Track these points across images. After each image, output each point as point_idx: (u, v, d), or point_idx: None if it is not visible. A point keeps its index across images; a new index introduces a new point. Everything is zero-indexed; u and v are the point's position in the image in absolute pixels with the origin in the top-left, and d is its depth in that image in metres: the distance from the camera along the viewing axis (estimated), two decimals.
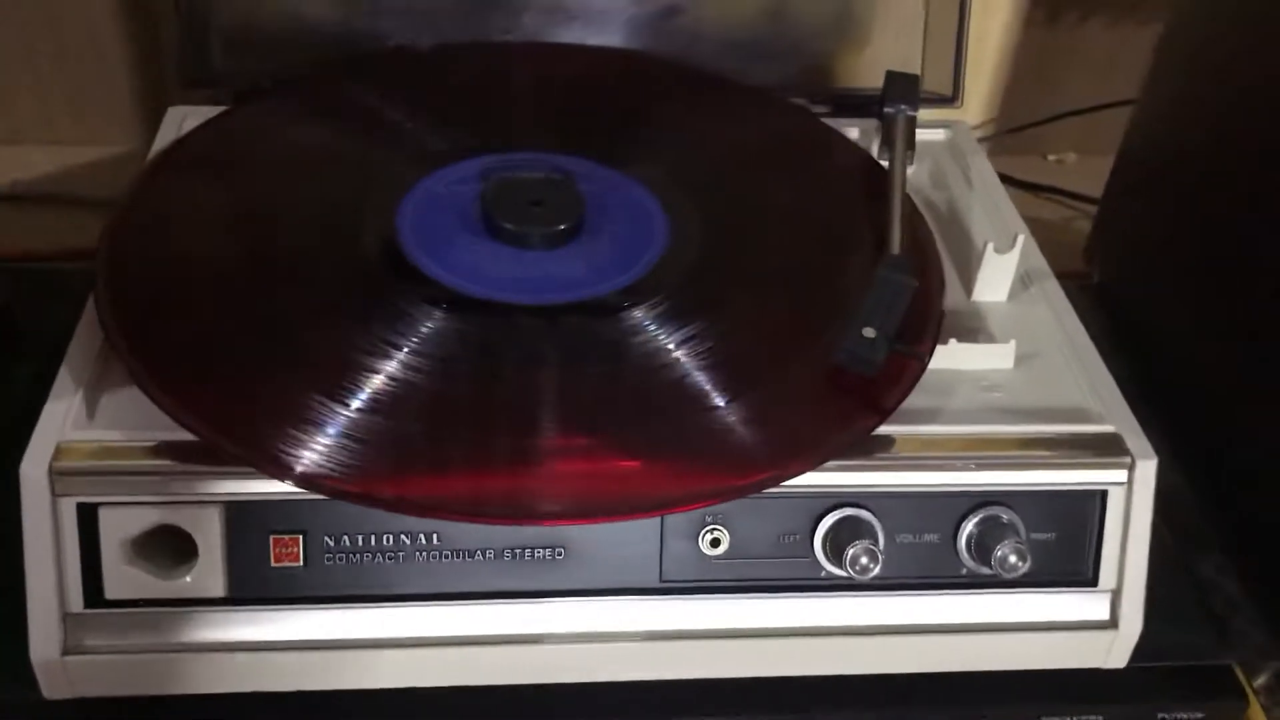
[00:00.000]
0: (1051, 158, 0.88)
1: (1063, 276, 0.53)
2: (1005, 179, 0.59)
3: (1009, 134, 0.86)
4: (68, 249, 0.64)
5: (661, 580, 0.44)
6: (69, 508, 0.41)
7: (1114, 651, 0.46)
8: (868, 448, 0.43)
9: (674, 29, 0.63)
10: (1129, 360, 0.56)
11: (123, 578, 0.41)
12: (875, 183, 0.54)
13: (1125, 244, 0.68)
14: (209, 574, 0.42)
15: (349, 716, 0.44)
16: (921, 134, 0.60)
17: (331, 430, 0.40)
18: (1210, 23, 0.60)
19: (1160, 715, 0.47)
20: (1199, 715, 0.47)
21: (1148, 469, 0.44)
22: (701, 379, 0.44)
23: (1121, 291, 0.67)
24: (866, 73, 0.63)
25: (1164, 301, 0.62)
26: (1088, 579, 0.45)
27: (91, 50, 0.78)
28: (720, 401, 0.43)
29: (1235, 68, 0.57)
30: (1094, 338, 0.49)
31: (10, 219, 0.71)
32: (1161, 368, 0.59)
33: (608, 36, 0.62)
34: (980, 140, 0.62)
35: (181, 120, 0.57)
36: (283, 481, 0.40)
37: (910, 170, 0.58)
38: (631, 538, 0.43)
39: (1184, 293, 0.60)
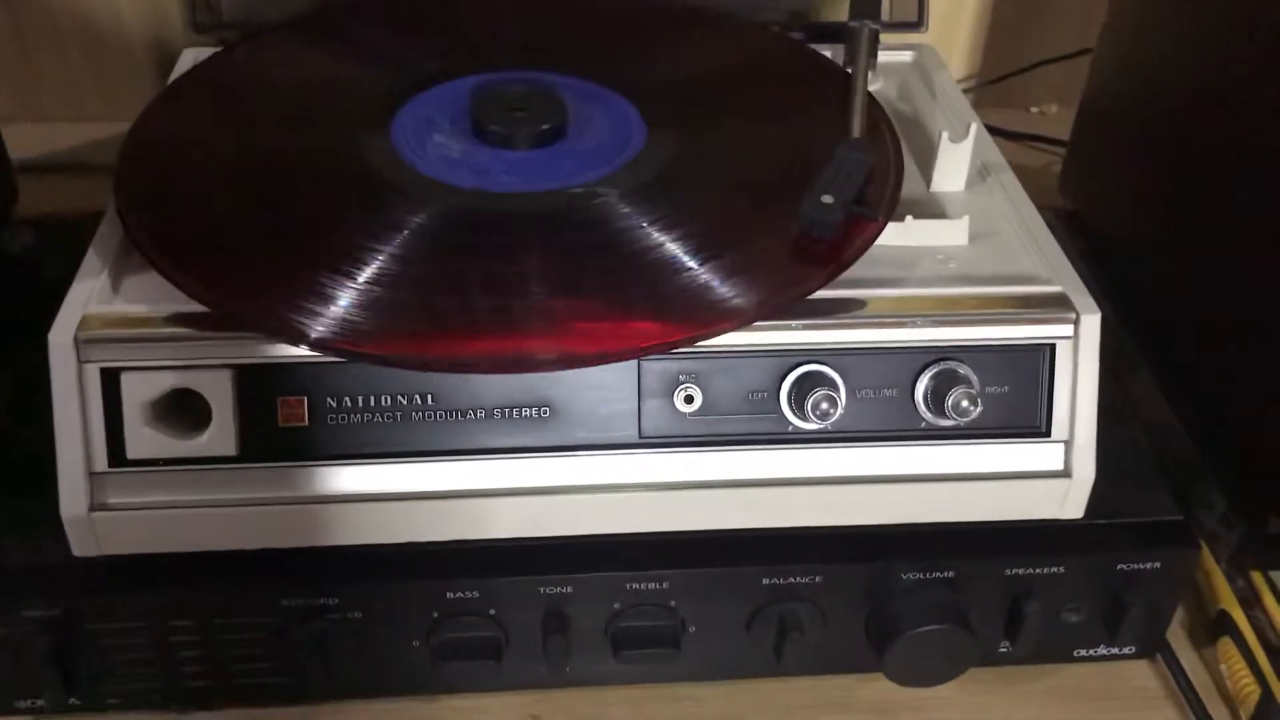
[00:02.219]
0: (1034, 110, 0.92)
1: (1043, 209, 0.54)
2: (989, 130, 0.60)
3: (991, 85, 0.89)
4: (92, 211, 0.68)
5: (641, 436, 0.47)
6: (93, 373, 0.44)
7: (1070, 500, 0.49)
8: (827, 308, 0.46)
9: None
10: (1103, 277, 0.60)
11: (143, 438, 0.45)
12: (841, 90, 0.57)
13: (1093, 174, 0.72)
14: (222, 434, 0.45)
15: (351, 569, 0.47)
16: (888, 55, 0.63)
17: (336, 298, 0.44)
18: None
19: (1120, 565, 0.49)
20: (1156, 564, 0.49)
21: (1092, 323, 0.47)
22: (673, 248, 0.47)
23: (1092, 216, 0.71)
24: (841, 12, 0.67)
25: (1127, 221, 0.66)
26: (1041, 430, 0.48)
27: (113, 31, 0.83)
28: (692, 264, 0.46)
29: (1178, 9, 0.61)
30: (1071, 259, 0.50)
31: (39, 187, 0.75)
32: (1128, 278, 0.63)
33: None
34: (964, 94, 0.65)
35: (195, 59, 0.61)
36: (294, 345, 0.43)
37: (877, 86, 0.62)
38: (612, 396, 0.46)
39: (1144, 212, 0.64)
